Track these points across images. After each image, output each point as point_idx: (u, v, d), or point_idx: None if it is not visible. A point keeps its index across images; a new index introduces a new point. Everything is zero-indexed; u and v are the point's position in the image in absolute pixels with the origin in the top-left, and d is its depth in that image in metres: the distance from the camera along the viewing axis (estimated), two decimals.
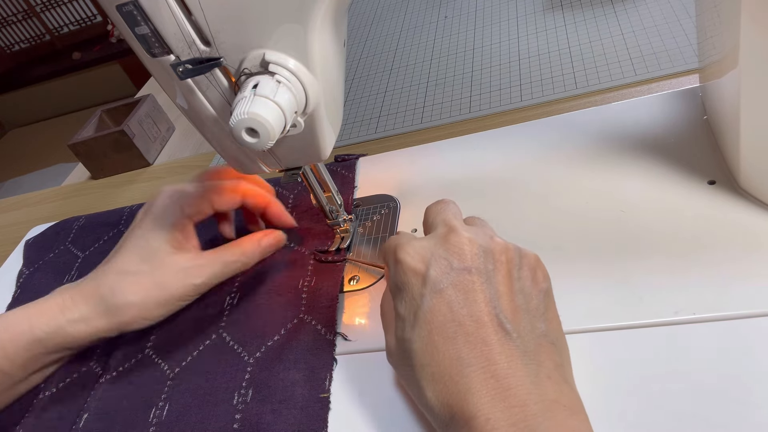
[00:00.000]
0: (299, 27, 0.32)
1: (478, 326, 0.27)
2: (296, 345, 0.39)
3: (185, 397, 0.39)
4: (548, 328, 0.28)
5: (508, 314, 0.27)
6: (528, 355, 0.26)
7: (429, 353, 0.27)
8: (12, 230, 0.69)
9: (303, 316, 0.41)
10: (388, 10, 0.82)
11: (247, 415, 0.36)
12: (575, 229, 0.39)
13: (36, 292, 0.54)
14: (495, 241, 0.30)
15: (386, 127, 0.60)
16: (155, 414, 0.38)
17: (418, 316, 0.28)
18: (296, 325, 0.40)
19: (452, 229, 0.30)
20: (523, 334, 0.27)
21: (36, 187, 0.86)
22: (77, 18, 3.01)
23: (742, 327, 0.31)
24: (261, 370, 0.38)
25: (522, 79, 0.58)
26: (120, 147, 0.69)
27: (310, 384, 0.36)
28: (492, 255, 0.29)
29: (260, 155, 0.39)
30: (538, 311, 0.28)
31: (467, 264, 0.28)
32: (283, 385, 0.37)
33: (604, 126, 0.47)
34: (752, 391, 0.28)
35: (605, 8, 0.63)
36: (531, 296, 0.29)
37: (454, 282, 0.28)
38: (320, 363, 0.37)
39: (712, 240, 0.35)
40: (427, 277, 0.28)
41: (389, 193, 0.49)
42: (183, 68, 0.33)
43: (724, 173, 0.39)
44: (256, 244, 0.42)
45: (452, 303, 0.27)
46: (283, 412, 0.35)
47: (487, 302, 0.27)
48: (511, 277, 0.29)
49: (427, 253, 0.29)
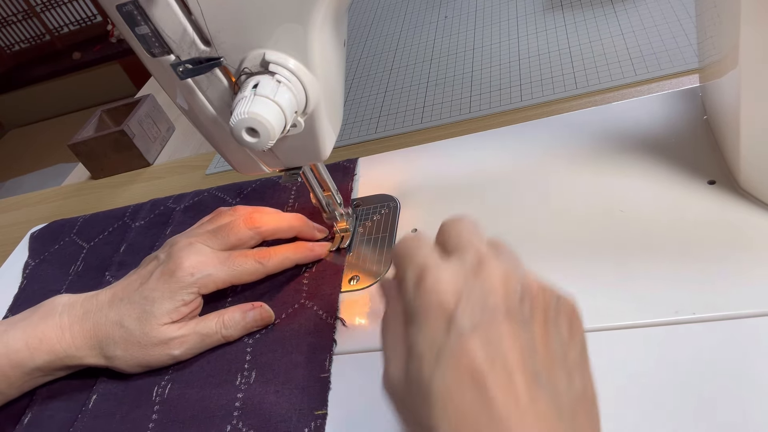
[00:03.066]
0: (299, 27, 0.32)
1: (509, 377, 0.23)
2: (298, 328, 0.40)
3: (188, 377, 0.40)
4: (586, 386, 0.25)
5: (544, 367, 0.24)
6: (563, 415, 0.23)
7: (451, 399, 0.23)
8: (12, 230, 0.69)
9: (304, 301, 0.42)
10: (388, 10, 0.82)
11: (249, 395, 0.37)
12: (575, 229, 0.39)
13: (42, 283, 0.55)
14: (531, 279, 0.26)
15: (386, 127, 0.60)
16: (158, 392, 0.40)
17: (443, 354, 0.24)
18: (297, 310, 0.41)
19: (484, 259, 0.26)
20: (559, 390, 0.24)
21: (36, 187, 0.86)
22: (77, 18, 3.00)
23: (742, 327, 0.31)
24: (263, 352, 0.39)
25: (522, 79, 0.58)
26: (120, 147, 0.69)
27: (311, 365, 0.37)
28: (530, 296, 0.25)
29: (260, 155, 0.39)
30: (575, 365, 0.25)
31: (503, 304, 0.25)
32: (285, 368, 0.38)
33: (604, 126, 0.47)
34: (752, 390, 0.28)
35: (605, 8, 0.63)
36: (569, 348, 0.25)
37: (487, 323, 0.24)
38: (321, 345, 0.38)
39: (712, 240, 0.35)
40: (456, 313, 0.25)
41: (389, 193, 0.49)
42: (183, 68, 0.33)
43: (724, 173, 0.39)
44: (241, 318, 0.41)
45: (484, 347, 0.24)
46: (285, 393, 0.36)
47: (521, 351, 0.24)
48: (548, 324, 0.25)
49: (459, 285, 0.25)
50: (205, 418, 0.37)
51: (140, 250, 0.53)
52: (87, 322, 0.41)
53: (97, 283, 0.51)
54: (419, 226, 0.45)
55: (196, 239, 0.42)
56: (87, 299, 0.42)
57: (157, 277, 0.41)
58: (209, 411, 0.37)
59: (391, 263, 0.43)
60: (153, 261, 0.43)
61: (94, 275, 0.53)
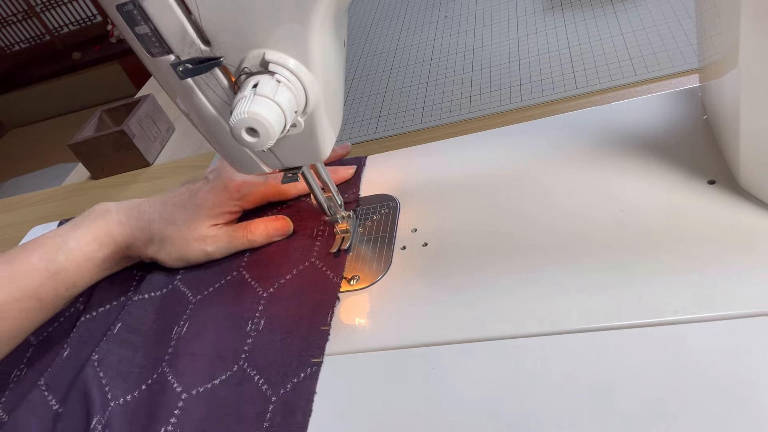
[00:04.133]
0: (299, 27, 0.32)
1: None
2: (306, 285, 0.44)
3: (204, 319, 0.44)
4: None
5: None
6: None
7: None
8: (12, 230, 0.69)
9: (314, 260, 0.45)
10: (388, 10, 0.82)
11: (257, 341, 0.41)
12: (575, 229, 0.39)
13: None
14: None
15: (386, 127, 0.60)
16: (177, 331, 0.44)
17: None
18: (307, 268, 0.45)
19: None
20: None
21: (36, 187, 0.86)
22: (77, 18, 3.00)
23: (742, 327, 0.31)
24: (273, 304, 0.43)
25: (522, 79, 0.58)
26: (120, 147, 0.69)
27: (313, 318, 0.41)
28: None
29: (260, 155, 0.39)
30: None
31: None
32: (291, 320, 0.41)
33: (604, 126, 0.47)
34: (752, 390, 0.28)
35: (605, 8, 0.63)
36: None
37: None
38: (325, 301, 0.42)
39: (712, 240, 0.35)
40: None
41: (389, 193, 0.49)
42: (183, 68, 0.33)
43: (724, 173, 0.39)
44: (264, 226, 0.48)
45: None
46: (288, 341, 0.40)
47: None
48: None
49: None
50: (216, 356, 0.41)
51: None
52: (142, 219, 0.47)
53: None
54: (419, 226, 0.45)
55: None
56: (139, 203, 0.49)
57: (207, 189, 0.48)
58: (220, 351, 0.41)
59: (391, 263, 0.43)
60: (201, 180, 0.50)
61: None
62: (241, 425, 0.36)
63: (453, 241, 0.42)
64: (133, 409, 0.40)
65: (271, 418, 0.36)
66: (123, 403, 0.40)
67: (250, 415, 0.37)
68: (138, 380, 0.42)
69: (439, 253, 0.42)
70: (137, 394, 0.41)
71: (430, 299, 0.39)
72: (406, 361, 0.36)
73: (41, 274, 0.44)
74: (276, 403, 0.37)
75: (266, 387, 0.38)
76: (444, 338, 0.36)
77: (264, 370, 0.39)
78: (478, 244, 0.41)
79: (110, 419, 0.39)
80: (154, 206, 0.48)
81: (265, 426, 0.36)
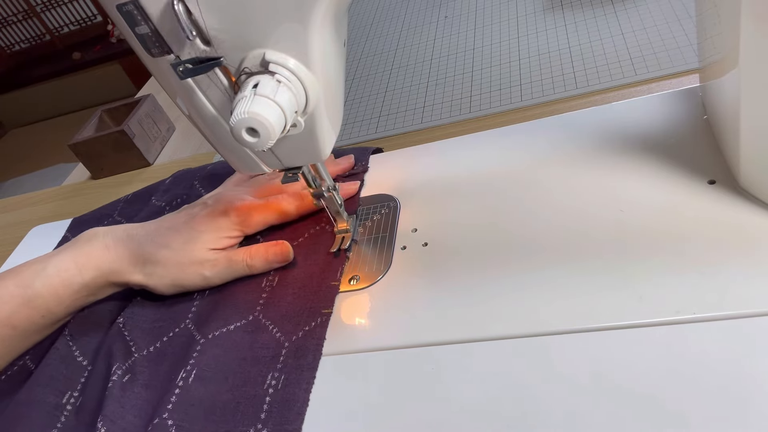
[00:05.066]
0: (299, 26, 0.32)
1: None
2: (318, 246, 0.46)
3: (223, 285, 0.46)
4: None
5: None
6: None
7: None
8: (12, 230, 0.69)
9: (325, 225, 0.48)
10: (388, 10, 0.82)
11: (271, 295, 0.44)
12: (575, 229, 0.39)
13: None
14: None
15: (386, 127, 0.60)
16: (198, 295, 0.47)
17: None
18: (318, 232, 0.48)
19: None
20: None
21: (36, 187, 0.86)
22: (77, 18, 3.00)
23: (742, 327, 0.31)
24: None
25: (522, 79, 0.58)
26: (120, 147, 0.69)
27: (324, 275, 0.44)
28: None
29: (260, 155, 0.39)
30: None
31: None
32: (303, 276, 0.44)
33: (604, 126, 0.47)
34: (752, 390, 0.28)
35: (605, 8, 0.63)
36: None
37: None
38: (336, 260, 0.44)
39: (712, 240, 0.35)
40: None
41: (389, 193, 0.49)
42: (183, 68, 0.33)
43: (724, 173, 0.39)
44: (263, 256, 0.46)
45: None
46: (300, 295, 0.43)
47: None
48: None
49: None
50: (233, 308, 0.44)
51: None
52: (131, 242, 0.46)
53: None
54: (419, 226, 0.45)
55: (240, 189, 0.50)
56: (130, 227, 0.48)
57: (206, 213, 0.47)
58: (236, 305, 0.44)
59: (391, 263, 0.43)
60: (200, 205, 0.48)
61: None
62: (256, 366, 0.39)
63: (453, 241, 0.42)
64: (155, 357, 0.43)
65: (283, 360, 0.39)
66: (146, 354, 0.43)
67: (265, 358, 0.39)
68: (160, 333, 0.45)
69: (439, 253, 0.42)
70: (159, 345, 0.44)
71: (430, 299, 0.39)
72: (406, 361, 0.36)
73: (16, 301, 0.43)
74: (288, 348, 0.39)
75: (279, 334, 0.41)
76: (444, 338, 0.36)
77: (277, 320, 0.42)
78: (478, 244, 0.41)
79: (133, 365, 0.42)
80: (146, 230, 0.47)
81: (278, 366, 0.39)
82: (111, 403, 0.39)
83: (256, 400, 0.37)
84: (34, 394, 0.43)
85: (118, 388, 0.40)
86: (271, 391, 0.37)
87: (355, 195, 0.50)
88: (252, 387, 0.38)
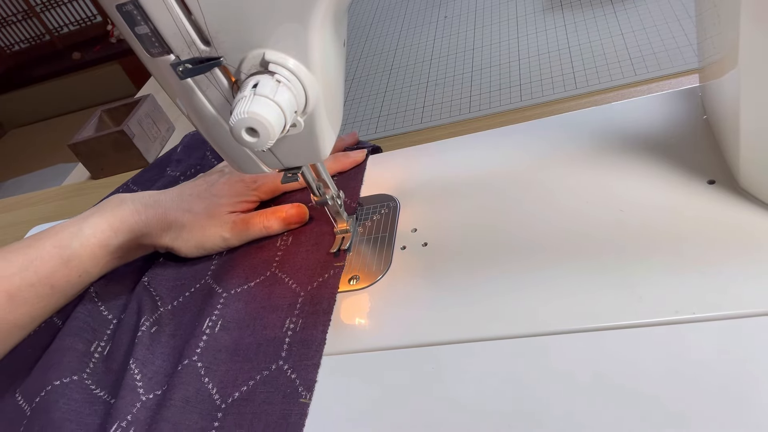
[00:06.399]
0: (299, 26, 0.32)
1: None
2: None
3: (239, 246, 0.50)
4: None
5: None
6: None
7: None
8: (12, 230, 0.69)
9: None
10: (388, 10, 0.82)
11: (286, 252, 0.47)
12: (575, 229, 0.39)
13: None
14: None
15: (386, 127, 0.60)
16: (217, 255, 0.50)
17: None
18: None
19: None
20: None
21: (36, 187, 0.86)
22: (77, 18, 3.00)
23: (742, 327, 0.31)
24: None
25: (522, 79, 0.58)
26: (120, 147, 0.69)
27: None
28: None
29: (260, 155, 0.39)
30: None
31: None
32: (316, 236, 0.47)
33: (604, 126, 0.47)
34: (752, 390, 0.28)
35: (605, 8, 0.63)
36: None
37: None
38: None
39: (712, 240, 0.35)
40: None
41: (389, 193, 0.49)
42: (183, 68, 0.33)
43: (724, 173, 0.39)
44: (280, 216, 0.49)
45: None
46: (313, 252, 0.46)
47: None
48: None
49: None
50: (250, 265, 0.47)
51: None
52: (158, 208, 0.48)
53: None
54: (419, 225, 0.45)
55: None
56: (155, 193, 0.50)
57: (224, 181, 0.50)
58: (253, 263, 0.47)
59: (391, 263, 0.43)
60: (217, 173, 0.52)
61: None
62: (275, 313, 0.42)
63: (453, 241, 0.42)
64: (179, 311, 0.46)
65: (300, 307, 0.42)
66: (170, 308, 0.46)
67: (283, 306, 0.43)
68: (182, 289, 0.48)
69: (439, 253, 0.42)
70: (182, 299, 0.47)
71: (430, 299, 0.39)
72: (406, 360, 0.36)
73: (55, 261, 0.45)
74: (304, 297, 0.43)
75: (295, 285, 0.44)
76: (444, 338, 0.36)
77: (293, 274, 0.45)
78: (478, 244, 0.41)
79: (159, 318, 0.45)
80: (170, 196, 0.49)
81: (296, 312, 0.42)
82: (141, 349, 0.43)
83: (276, 341, 0.40)
84: (64, 343, 0.45)
85: (147, 337, 0.44)
86: (290, 333, 0.41)
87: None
88: (272, 330, 0.41)
